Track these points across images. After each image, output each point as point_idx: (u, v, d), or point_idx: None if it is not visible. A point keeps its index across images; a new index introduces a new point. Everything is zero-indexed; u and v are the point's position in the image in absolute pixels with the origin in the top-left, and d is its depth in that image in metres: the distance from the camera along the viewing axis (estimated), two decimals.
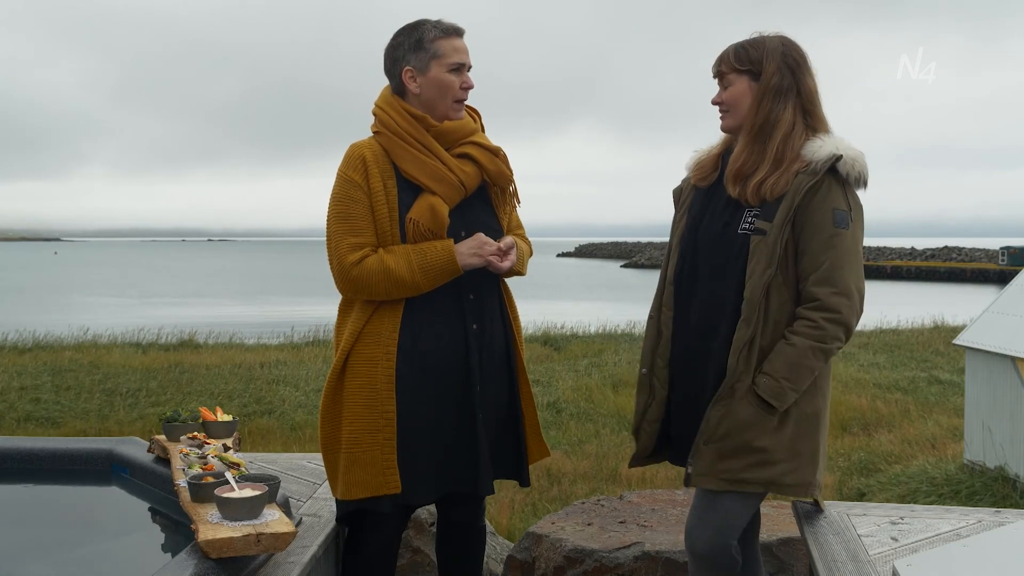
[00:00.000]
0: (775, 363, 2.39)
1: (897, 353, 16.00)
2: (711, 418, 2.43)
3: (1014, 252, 53.14)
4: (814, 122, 2.50)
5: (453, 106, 2.69)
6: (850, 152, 2.43)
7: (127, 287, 50.64)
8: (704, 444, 2.43)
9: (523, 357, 2.85)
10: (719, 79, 2.57)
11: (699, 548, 2.48)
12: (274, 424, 10.48)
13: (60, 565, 2.69)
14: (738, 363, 2.40)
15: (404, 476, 2.60)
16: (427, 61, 2.64)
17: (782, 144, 2.45)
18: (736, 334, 2.42)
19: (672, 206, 2.75)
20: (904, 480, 7.98)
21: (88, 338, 17.95)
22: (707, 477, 2.43)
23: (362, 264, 2.58)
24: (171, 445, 3.04)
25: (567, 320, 21.05)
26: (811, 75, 2.52)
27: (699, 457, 2.44)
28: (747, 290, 2.42)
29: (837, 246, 2.40)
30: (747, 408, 2.40)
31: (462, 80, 2.68)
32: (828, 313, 2.39)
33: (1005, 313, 8.13)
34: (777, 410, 2.40)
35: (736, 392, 2.40)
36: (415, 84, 2.66)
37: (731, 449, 2.41)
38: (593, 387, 12.49)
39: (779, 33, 2.55)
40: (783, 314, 2.43)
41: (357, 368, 2.62)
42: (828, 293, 2.39)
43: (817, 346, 2.38)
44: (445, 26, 2.66)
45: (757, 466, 2.41)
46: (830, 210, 2.41)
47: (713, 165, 2.63)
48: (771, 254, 2.40)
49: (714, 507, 2.47)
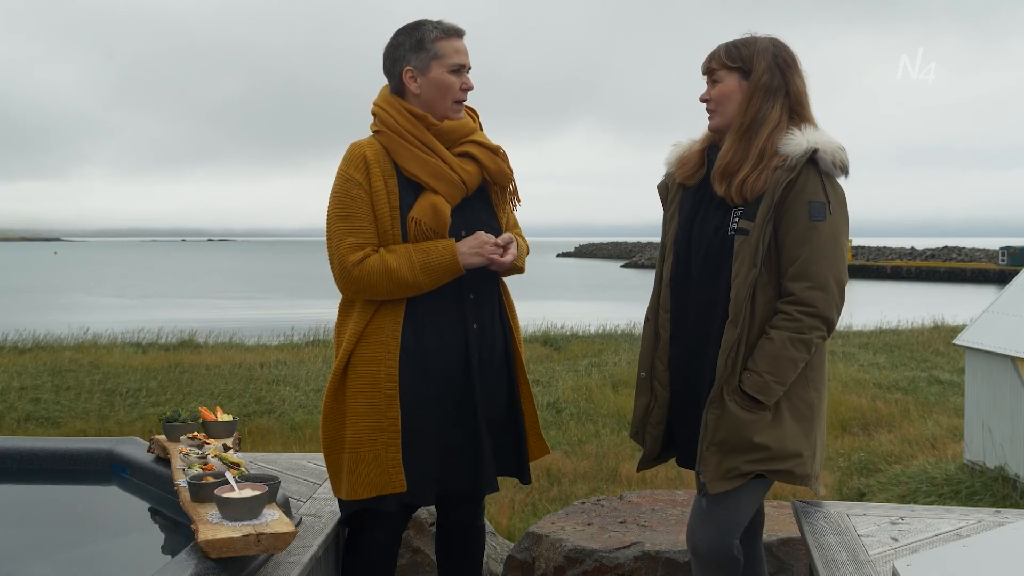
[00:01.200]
0: (757, 358, 2.40)
1: (897, 353, 16.00)
2: (708, 422, 2.43)
3: (1014, 252, 53.14)
4: (801, 122, 2.50)
5: (452, 107, 2.69)
6: (828, 144, 2.43)
7: (127, 287, 50.62)
8: (706, 450, 2.43)
9: (522, 356, 2.85)
10: (708, 76, 2.57)
11: (702, 549, 2.48)
12: (274, 424, 10.48)
13: (60, 565, 2.69)
14: (726, 364, 2.40)
15: (408, 475, 2.60)
16: (428, 61, 2.64)
17: (766, 141, 2.45)
18: (724, 335, 2.42)
19: (659, 203, 2.74)
20: (904, 480, 7.98)
21: (88, 338, 17.95)
22: (717, 482, 2.43)
23: (363, 264, 2.58)
24: (171, 445, 3.04)
25: (567, 320, 21.04)
26: (801, 76, 2.52)
27: (706, 464, 2.44)
28: (732, 290, 2.42)
29: (813, 239, 2.39)
30: (736, 407, 2.40)
31: (462, 81, 2.68)
32: (803, 307, 2.39)
33: (1005, 313, 8.13)
34: (766, 405, 2.40)
35: (725, 393, 2.41)
36: (415, 84, 2.66)
37: (732, 449, 2.41)
38: (593, 387, 12.48)
39: (770, 35, 2.55)
40: (769, 313, 2.43)
41: (360, 368, 2.62)
42: (803, 288, 2.39)
43: (796, 337, 2.38)
44: (446, 27, 2.66)
45: (759, 461, 2.42)
46: (806, 203, 2.40)
47: (698, 162, 2.62)
48: (754, 253, 2.40)
49: (715, 507, 2.47)
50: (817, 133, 2.45)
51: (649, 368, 2.65)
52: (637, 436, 2.72)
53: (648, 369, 2.65)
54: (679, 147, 2.70)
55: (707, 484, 2.43)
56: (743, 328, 2.40)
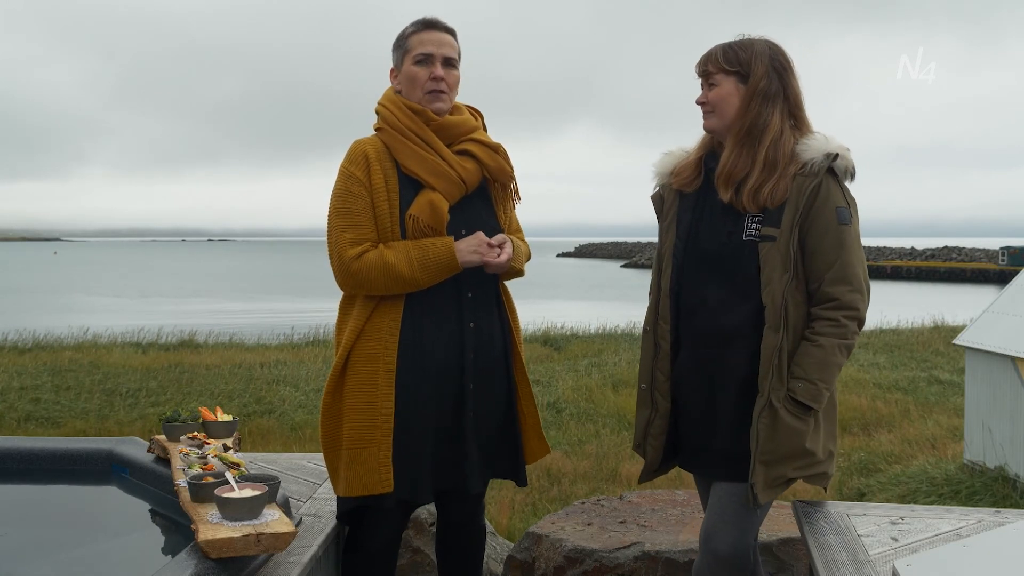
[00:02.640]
0: (806, 366, 2.40)
1: (897, 353, 16.01)
2: (760, 432, 2.41)
3: (1014, 252, 53.16)
4: (799, 125, 2.51)
5: (425, 97, 2.67)
6: (840, 149, 2.45)
7: (127, 287, 50.63)
8: (759, 462, 2.42)
9: (522, 357, 2.84)
10: (704, 78, 2.55)
11: (722, 550, 2.45)
12: (274, 424, 10.48)
13: (60, 565, 2.69)
14: (771, 372, 2.40)
15: (399, 474, 2.60)
16: (401, 57, 2.71)
17: (772, 149, 2.45)
18: (764, 342, 2.41)
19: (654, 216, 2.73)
20: (904, 480, 7.99)
21: (88, 338, 17.96)
22: (768, 491, 2.43)
23: (362, 259, 2.58)
24: (171, 445, 3.04)
25: (567, 320, 21.05)
26: (796, 79, 2.52)
27: (758, 475, 2.42)
28: (767, 297, 2.41)
29: (846, 243, 2.43)
30: (788, 416, 2.40)
31: (431, 71, 2.66)
32: (847, 311, 2.42)
33: (1005, 313, 8.13)
34: (815, 411, 2.42)
35: (774, 402, 2.40)
36: (396, 81, 2.74)
37: (783, 457, 2.42)
38: (593, 387, 12.49)
39: (764, 37, 2.54)
40: (799, 317, 2.44)
41: (358, 365, 2.62)
42: (845, 291, 2.42)
43: (843, 343, 2.42)
44: (419, 20, 2.71)
45: (804, 467, 2.46)
46: (834, 209, 2.43)
47: (696, 170, 2.61)
48: (784, 259, 2.41)
49: (743, 509, 2.46)
50: (829, 138, 2.47)
51: (650, 380, 2.63)
52: (639, 448, 2.71)
53: (648, 381, 2.63)
54: (671, 156, 2.69)
55: (759, 495, 2.42)
56: (783, 334, 2.41)
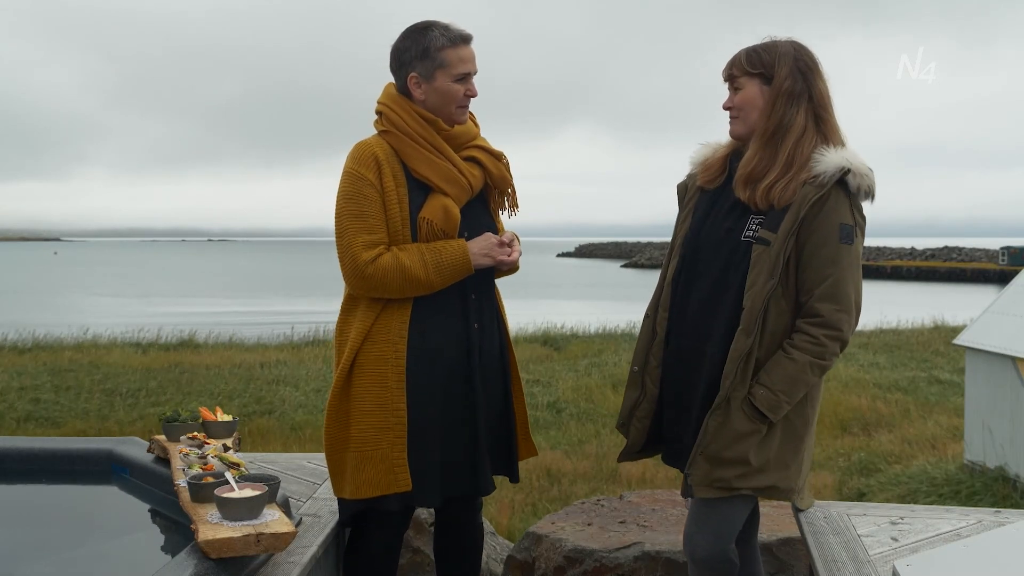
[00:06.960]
0: (773, 376, 2.38)
1: (897, 353, 16.01)
2: (708, 428, 2.42)
3: (1014, 252, 53.15)
4: (826, 128, 2.46)
5: (457, 111, 2.69)
6: (859, 166, 2.39)
7: (127, 287, 50.62)
8: (700, 455, 2.43)
9: (515, 356, 2.87)
10: (730, 83, 2.53)
11: (699, 554, 2.48)
12: (274, 424, 10.49)
13: (60, 565, 2.69)
14: (736, 373, 2.39)
15: (413, 475, 2.60)
16: (432, 70, 2.62)
17: (793, 148, 2.42)
18: (734, 344, 2.40)
19: (676, 202, 2.71)
20: (904, 480, 7.99)
21: (88, 338, 17.96)
22: (704, 487, 2.43)
23: (377, 262, 2.57)
24: (171, 445, 3.04)
25: (567, 320, 21.05)
26: (823, 80, 2.48)
27: (696, 467, 2.44)
28: (747, 300, 2.40)
29: (842, 261, 2.38)
30: (741, 419, 2.39)
31: (467, 88, 2.67)
32: (830, 330, 2.38)
33: (1005, 313, 8.13)
34: (770, 421, 2.40)
35: (732, 403, 2.39)
36: (420, 91, 2.65)
37: (725, 460, 2.41)
38: (593, 387, 12.50)
39: (791, 38, 2.50)
40: (780, 325, 2.41)
41: (367, 367, 2.62)
42: (831, 310, 2.37)
43: (816, 362, 2.38)
44: (453, 34, 2.62)
45: (747, 476, 2.41)
46: (836, 224, 2.38)
47: (721, 167, 2.59)
48: (773, 266, 2.37)
49: (711, 513, 2.48)
50: (849, 153, 2.41)
51: (643, 363, 2.65)
52: (623, 428, 2.72)
53: (641, 364, 2.65)
54: (706, 147, 2.66)
55: (694, 487, 2.44)
56: (755, 339, 2.39)
